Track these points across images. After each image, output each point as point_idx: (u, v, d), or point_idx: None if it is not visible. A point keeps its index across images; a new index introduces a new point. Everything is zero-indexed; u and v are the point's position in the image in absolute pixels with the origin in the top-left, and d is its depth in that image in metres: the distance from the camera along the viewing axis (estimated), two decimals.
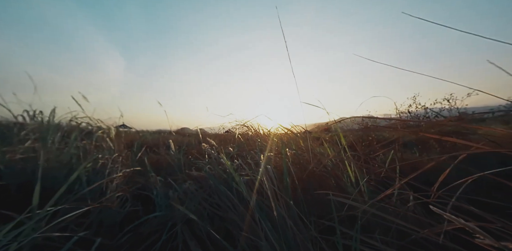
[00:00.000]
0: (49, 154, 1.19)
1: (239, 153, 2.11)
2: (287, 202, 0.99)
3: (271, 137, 2.07)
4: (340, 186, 1.25)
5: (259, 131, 2.49)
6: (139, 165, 1.94)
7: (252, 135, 2.42)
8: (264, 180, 1.19)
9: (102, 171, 1.27)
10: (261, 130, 2.51)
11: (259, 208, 1.04)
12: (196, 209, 1.06)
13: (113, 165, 1.41)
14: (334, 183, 1.27)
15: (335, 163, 1.34)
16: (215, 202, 1.13)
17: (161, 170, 2.04)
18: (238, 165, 1.49)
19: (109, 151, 1.66)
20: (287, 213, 0.97)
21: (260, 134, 2.45)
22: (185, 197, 1.20)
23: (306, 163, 1.49)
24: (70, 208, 0.82)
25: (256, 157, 1.53)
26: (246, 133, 2.68)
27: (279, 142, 1.87)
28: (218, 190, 1.14)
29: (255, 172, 1.34)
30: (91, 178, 1.22)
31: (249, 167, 1.45)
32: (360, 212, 0.86)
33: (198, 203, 1.13)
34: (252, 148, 2.08)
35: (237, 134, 2.18)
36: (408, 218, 0.85)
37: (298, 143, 1.79)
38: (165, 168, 2.00)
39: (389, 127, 1.74)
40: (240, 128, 2.66)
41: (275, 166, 1.59)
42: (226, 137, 3.29)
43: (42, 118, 1.55)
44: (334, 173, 1.31)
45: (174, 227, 0.89)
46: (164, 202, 1.13)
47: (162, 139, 3.88)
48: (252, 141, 2.24)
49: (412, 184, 1.07)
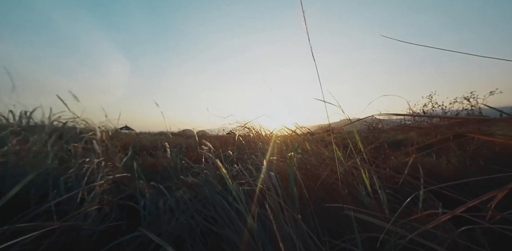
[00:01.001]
0: (24, 158, 1.05)
1: (239, 156, 1.94)
2: (295, 217, 0.82)
3: (273, 139, 1.91)
4: (354, 195, 1.08)
5: (260, 133, 2.32)
6: (132, 169, 1.79)
7: (253, 137, 2.26)
8: (266, 189, 1.03)
9: (85, 178, 1.11)
10: (263, 131, 2.35)
11: (260, 224, 0.88)
12: (188, 223, 0.90)
13: (99, 170, 1.25)
14: (347, 191, 1.09)
15: (348, 170, 1.17)
16: (210, 214, 0.96)
17: (156, 174, 1.88)
18: (238, 170, 1.33)
19: (98, 154, 1.50)
20: (294, 231, 0.80)
21: (262, 136, 2.28)
22: (177, 208, 1.04)
23: (313, 168, 1.32)
24: (32, 226, 0.66)
25: (258, 161, 1.36)
26: (248, 134, 2.52)
27: (282, 145, 1.71)
28: (214, 201, 0.97)
29: (257, 178, 1.18)
30: (74, 186, 1.07)
31: (250, 173, 1.29)
32: (386, 233, 0.69)
33: (191, 215, 0.96)
34: (254, 151, 1.92)
35: (238, 135, 2.01)
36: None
37: (303, 145, 1.62)
38: (160, 172, 1.85)
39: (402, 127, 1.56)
40: (241, 130, 2.50)
41: (279, 171, 1.43)
42: (227, 139, 3.13)
43: (25, 119, 1.41)
44: (346, 180, 1.14)
45: (160, 248, 0.72)
46: (152, 215, 0.97)
47: (161, 141, 3.74)
48: (254, 143, 2.07)
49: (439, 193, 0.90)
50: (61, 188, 0.97)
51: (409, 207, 1.09)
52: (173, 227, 0.86)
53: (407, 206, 1.09)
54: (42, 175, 1.07)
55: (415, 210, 1.01)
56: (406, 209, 1.07)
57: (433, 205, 1.03)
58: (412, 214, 1.00)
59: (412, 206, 1.12)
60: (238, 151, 2.04)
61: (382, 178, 1.27)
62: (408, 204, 1.10)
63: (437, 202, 1.00)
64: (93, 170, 1.17)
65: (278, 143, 1.93)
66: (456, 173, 1.56)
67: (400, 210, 1.04)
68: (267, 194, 0.94)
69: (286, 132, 1.74)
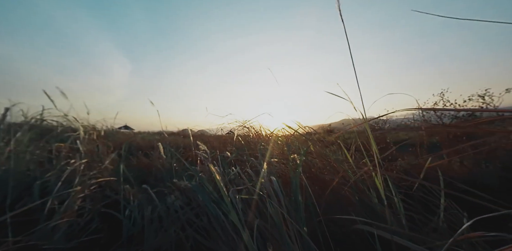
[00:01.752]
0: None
1: (238, 157, 1.82)
2: (300, 231, 0.70)
3: (274, 138, 1.78)
4: (365, 203, 0.95)
5: (261, 132, 2.20)
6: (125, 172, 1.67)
7: (253, 137, 2.13)
8: (267, 196, 0.90)
9: (63, 182, 0.99)
10: (263, 131, 2.22)
11: (260, 237, 0.75)
12: (177, 235, 0.77)
13: (84, 172, 1.13)
14: (358, 199, 0.97)
15: (357, 175, 1.04)
16: (203, 225, 0.84)
17: (150, 176, 1.76)
18: (236, 174, 1.20)
19: (83, 155, 1.38)
20: (300, 247, 0.67)
21: (262, 136, 2.16)
22: (167, 216, 0.91)
23: (318, 171, 1.20)
24: None
25: (257, 163, 1.23)
26: (247, 134, 2.39)
27: (283, 145, 1.59)
28: (208, 210, 0.85)
29: (257, 183, 1.05)
30: (53, 191, 0.94)
31: (249, 177, 1.16)
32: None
33: (181, 227, 0.84)
34: (253, 152, 1.79)
35: (236, 135, 1.89)
36: None
37: (306, 146, 1.50)
38: (154, 175, 1.72)
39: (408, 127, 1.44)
40: (241, 129, 2.38)
41: (280, 175, 1.30)
42: (226, 139, 3.01)
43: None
44: (355, 185, 1.02)
45: None
46: (137, 226, 0.84)
47: (159, 141, 3.62)
48: (253, 144, 1.95)
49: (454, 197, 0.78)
50: (35, 194, 0.85)
51: (425, 215, 0.97)
52: (160, 241, 0.74)
53: (424, 215, 0.97)
54: (18, 178, 0.95)
55: (435, 220, 0.89)
56: (424, 218, 0.95)
57: (454, 214, 0.90)
58: (432, 225, 0.88)
59: (427, 211, 1.00)
60: (237, 152, 1.92)
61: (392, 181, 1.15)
62: (425, 211, 0.98)
63: (461, 211, 0.88)
64: (77, 172, 1.05)
65: (279, 143, 1.81)
66: (471, 176, 1.44)
67: (420, 220, 0.92)
68: (268, 203, 0.82)
69: (288, 131, 1.62)
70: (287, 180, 1.28)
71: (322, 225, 0.78)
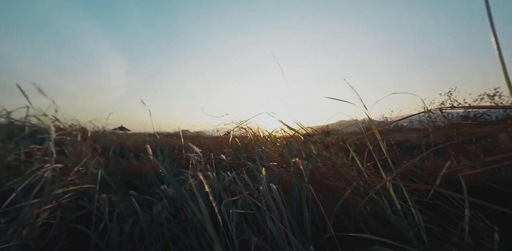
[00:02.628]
0: None
1: (235, 160, 1.69)
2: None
3: (273, 140, 1.65)
4: (379, 215, 0.83)
5: (258, 134, 2.07)
6: (112, 176, 1.52)
7: (251, 138, 2.00)
8: (266, 207, 0.77)
9: (40, 189, 0.84)
10: (261, 132, 2.09)
11: None
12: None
13: (60, 178, 0.99)
14: (370, 210, 0.84)
15: (365, 180, 0.92)
16: (190, 243, 0.70)
17: (138, 181, 1.61)
18: (232, 179, 1.07)
19: (68, 159, 1.23)
20: None
21: (260, 137, 2.03)
22: (149, 232, 0.78)
23: (321, 176, 1.07)
24: None
25: (255, 169, 1.10)
26: (245, 135, 2.26)
27: (283, 148, 1.46)
28: (196, 225, 0.71)
29: (255, 191, 0.92)
30: (18, 201, 0.80)
31: (246, 183, 1.03)
32: None
33: (164, 246, 0.70)
34: (251, 155, 1.66)
35: (232, 137, 1.76)
36: None
37: (307, 148, 1.37)
38: (143, 179, 1.58)
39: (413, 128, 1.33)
40: (238, 130, 2.25)
41: (280, 181, 1.17)
42: (224, 140, 2.87)
43: None
44: (366, 193, 0.90)
45: None
46: (112, 244, 0.70)
47: (154, 141, 3.46)
48: (251, 146, 1.82)
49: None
50: None
51: (445, 228, 0.85)
52: None
53: (444, 227, 0.85)
54: None
55: (458, 233, 0.77)
56: (445, 231, 0.83)
57: (479, 226, 0.79)
58: (455, 239, 0.76)
59: (446, 222, 0.88)
60: (233, 155, 1.79)
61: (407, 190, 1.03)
62: (445, 222, 0.86)
63: (490, 224, 0.76)
64: (47, 179, 0.90)
65: (278, 145, 1.69)
66: (486, 181, 1.32)
67: (441, 233, 0.80)
68: (267, 217, 0.69)
69: (287, 132, 1.50)
70: (288, 186, 1.15)
71: (334, 241, 0.65)
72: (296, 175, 1.09)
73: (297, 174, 1.14)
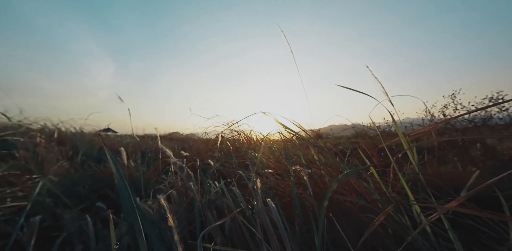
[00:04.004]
0: None
1: (226, 165, 1.48)
2: None
3: (268, 144, 1.47)
4: (399, 236, 0.66)
5: (251, 137, 1.88)
6: (78, 183, 1.27)
7: (243, 141, 1.80)
8: (261, 230, 0.58)
9: None
10: (255, 135, 1.91)
11: None
12: None
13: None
14: (392, 233, 0.67)
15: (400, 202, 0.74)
16: None
17: (111, 189, 1.36)
18: (219, 191, 0.86)
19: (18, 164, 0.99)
20: None
21: (253, 140, 1.84)
22: None
23: (327, 188, 0.90)
24: None
25: (247, 179, 0.91)
26: (237, 138, 2.06)
27: (280, 153, 1.28)
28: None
29: (248, 209, 0.73)
30: None
31: (237, 196, 0.83)
32: None
33: None
34: (244, 160, 1.47)
35: (221, 140, 1.56)
36: None
37: (307, 153, 1.20)
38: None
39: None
40: (229, 133, 2.05)
41: (277, 192, 0.98)
42: (214, 143, 2.65)
43: None
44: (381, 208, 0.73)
45: None
46: None
47: (140, 144, 3.17)
48: (244, 150, 1.62)
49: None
50: None
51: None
52: None
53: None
54: None
55: None
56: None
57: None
58: None
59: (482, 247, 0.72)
60: (223, 160, 1.58)
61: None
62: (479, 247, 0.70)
63: None
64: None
65: (273, 148, 1.50)
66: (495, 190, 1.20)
67: None
68: (263, 247, 0.49)
69: (284, 135, 1.32)
70: (286, 197, 0.96)
71: None
72: (297, 186, 0.91)
73: (297, 183, 0.96)
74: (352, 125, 2.41)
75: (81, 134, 2.26)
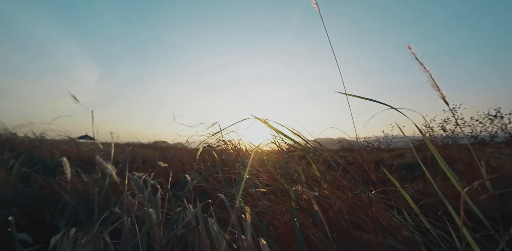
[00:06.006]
0: None
1: (210, 180, 1.22)
2: None
3: (260, 155, 1.24)
4: None
5: (240, 147, 1.65)
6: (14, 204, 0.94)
7: (231, 152, 1.56)
8: None
9: None
10: (244, 145, 1.68)
11: None
12: None
13: None
14: None
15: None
16: None
17: (54, 210, 1.03)
18: (191, 223, 0.60)
19: None
20: None
21: (242, 152, 1.61)
22: None
23: (338, 216, 0.67)
24: None
25: (229, 206, 0.67)
26: (225, 148, 1.81)
27: (274, 167, 1.05)
28: None
29: (232, 242, 0.48)
30: None
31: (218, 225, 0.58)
32: None
33: None
34: (230, 174, 1.22)
35: (204, 150, 1.31)
36: None
37: (306, 167, 0.98)
38: (61, 208, 1.01)
39: None
40: (216, 142, 1.80)
41: (272, 220, 0.74)
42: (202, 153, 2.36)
43: None
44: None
45: None
46: None
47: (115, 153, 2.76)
48: (232, 162, 1.37)
49: None
50: None
51: None
52: None
53: None
54: None
55: None
56: None
57: None
58: None
59: None
60: (208, 173, 1.32)
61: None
62: None
63: None
64: None
65: (266, 161, 1.27)
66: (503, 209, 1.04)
67: None
68: None
69: (280, 146, 1.10)
70: (286, 230, 0.72)
71: None
72: (299, 213, 0.68)
73: (299, 208, 0.72)
74: (338, 140, 2.26)
75: (40, 140, 1.89)
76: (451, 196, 1.25)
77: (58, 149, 2.33)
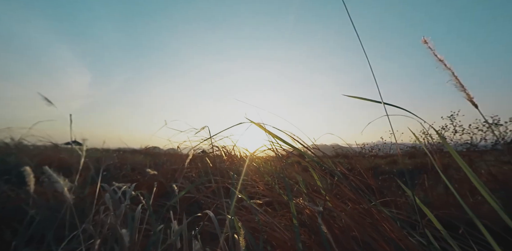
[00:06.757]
0: None
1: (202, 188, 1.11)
2: None
3: (256, 163, 1.15)
4: None
5: (235, 154, 1.56)
6: None
7: (225, 159, 1.46)
8: None
9: None
10: (239, 151, 1.59)
11: None
12: None
13: None
14: None
15: None
16: None
17: (19, 225, 0.90)
18: (173, 245, 0.51)
19: None
20: None
21: (237, 158, 1.52)
22: None
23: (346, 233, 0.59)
24: None
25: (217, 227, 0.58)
26: (219, 154, 1.71)
27: (272, 176, 0.96)
28: None
29: None
30: None
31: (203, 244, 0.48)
32: None
33: None
34: (223, 183, 1.12)
35: (198, 156, 1.22)
36: None
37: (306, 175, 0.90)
38: (26, 224, 0.88)
39: None
40: (209, 148, 1.70)
41: (268, 238, 0.65)
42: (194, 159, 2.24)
43: None
44: None
45: None
46: None
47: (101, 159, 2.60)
48: (225, 170, 1.27)
49: None
50: None
51: None
52: None
53: None
54: None
55: None
56: None
57: None
58: None
59: None
60: (201, 181, 1.21)
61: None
62: None
63: None
64: None
65: (262, 170, 1.18)
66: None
67: None
68: None
69: (278, 152, 1.02)
70: (282, 245, 0.63)
71: None
72: (299, 228, 0.60)
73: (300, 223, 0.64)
74: (332, 146, 2.21)
75: (16, 145, 1.74)
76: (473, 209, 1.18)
77: (38, 156, 2.15)
